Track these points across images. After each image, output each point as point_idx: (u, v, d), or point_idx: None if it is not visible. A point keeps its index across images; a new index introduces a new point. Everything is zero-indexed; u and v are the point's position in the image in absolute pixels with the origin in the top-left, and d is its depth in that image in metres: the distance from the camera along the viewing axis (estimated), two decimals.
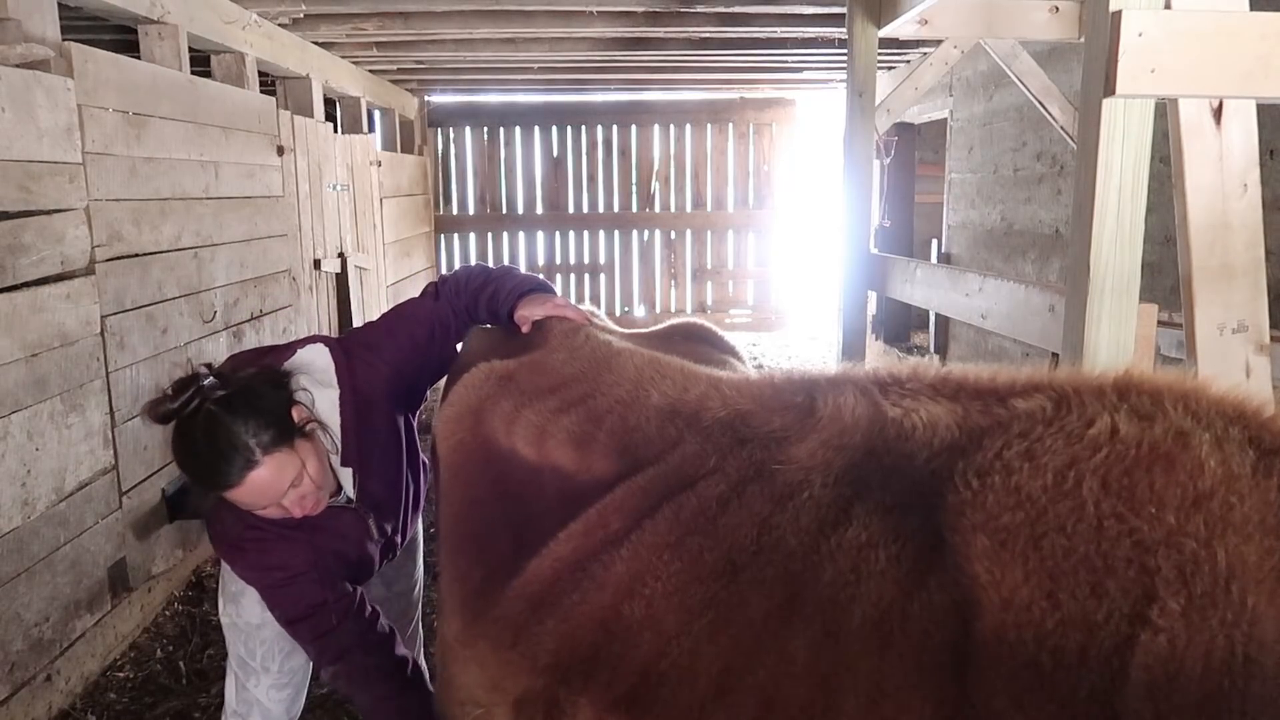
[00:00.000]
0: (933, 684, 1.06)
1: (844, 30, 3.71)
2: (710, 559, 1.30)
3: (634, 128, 10.64)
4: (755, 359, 9.00)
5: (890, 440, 1.28)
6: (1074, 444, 1.09)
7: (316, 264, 6.13)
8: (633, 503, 1.43)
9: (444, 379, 2.20)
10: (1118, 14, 1.74)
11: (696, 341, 2.12)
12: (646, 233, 10.85)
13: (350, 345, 2.10)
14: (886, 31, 3.41)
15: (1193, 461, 1.02)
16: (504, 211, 10.80)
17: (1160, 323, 2.40)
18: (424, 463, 2.37)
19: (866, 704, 1.10)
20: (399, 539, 2.27)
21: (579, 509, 1.49)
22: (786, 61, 7.51)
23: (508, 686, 1.46)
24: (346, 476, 2.04)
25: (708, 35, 6.17)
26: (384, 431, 2.10)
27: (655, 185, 10.74)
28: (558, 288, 2.06)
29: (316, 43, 6.27)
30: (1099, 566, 1.00)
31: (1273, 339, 2.07)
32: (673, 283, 10.91)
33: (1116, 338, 1.87)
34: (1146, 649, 0.95)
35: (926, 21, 3.31)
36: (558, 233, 10.84)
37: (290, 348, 2.04)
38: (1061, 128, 4.47)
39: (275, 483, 1.80)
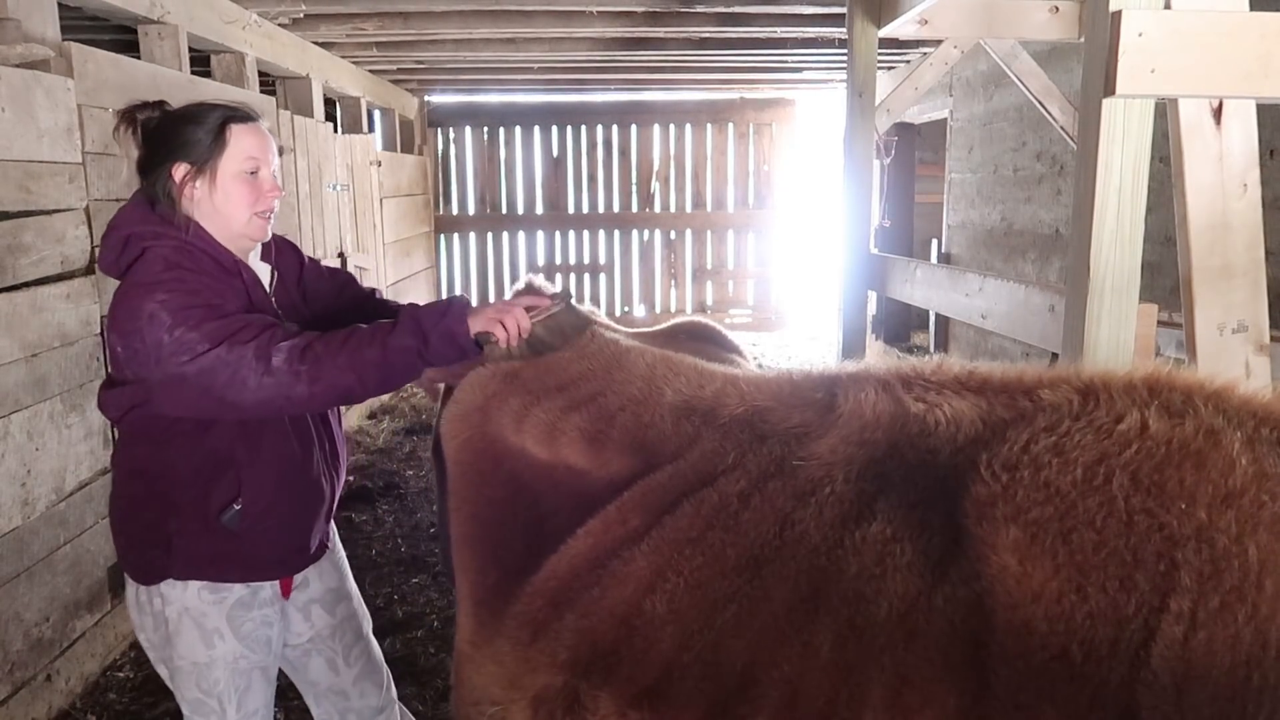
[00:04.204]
0: (958, 676, 1.07)
1: (844, 30, 3.71)
2: (733, 554, 1.30)
3: (634, 128, 10.64)
4: (756, 359, 9.00)
5: (913, 436, 1.28)
6: (1103, 439, 1.09)
7: None
8: (652, 499, 1.43)
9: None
10: (1118, 14, 1.74)
11: (701, 340, 2.12)
12: (646, 233, 10.85)
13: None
14: (886, 31, 3.41)
15: (1224, 459, 1.02)
16: (504, 211, 10.79)
17: (1160, 323, 2.40)
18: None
19: (891, 696, 1.10)
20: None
21: (595, 506, 1.49)
22: (786, 61, 7.51)
23: (526, 683, 1.45)
24: (264, 273, 1.99)
25: (708, 35, 6.17)
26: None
27: (655, 185, 10.75)
28: (557, 288, 1.92)
29: (316, 43, 6.27)
30: (1129, 560, 1.00)
31: (1273, 339, 2.07)
32: (673, 283, 10.91)
33: (1116, 338, 1.87)
34: (1177, 642, 0.95)
35: (926, 21, 3.31)
36: (558, 233, 10.83)
37: None
38: (1061, 128, 4.47)
39: (270, 139, 1.90)
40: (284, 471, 1.94)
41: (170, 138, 1.84)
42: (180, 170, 1.83)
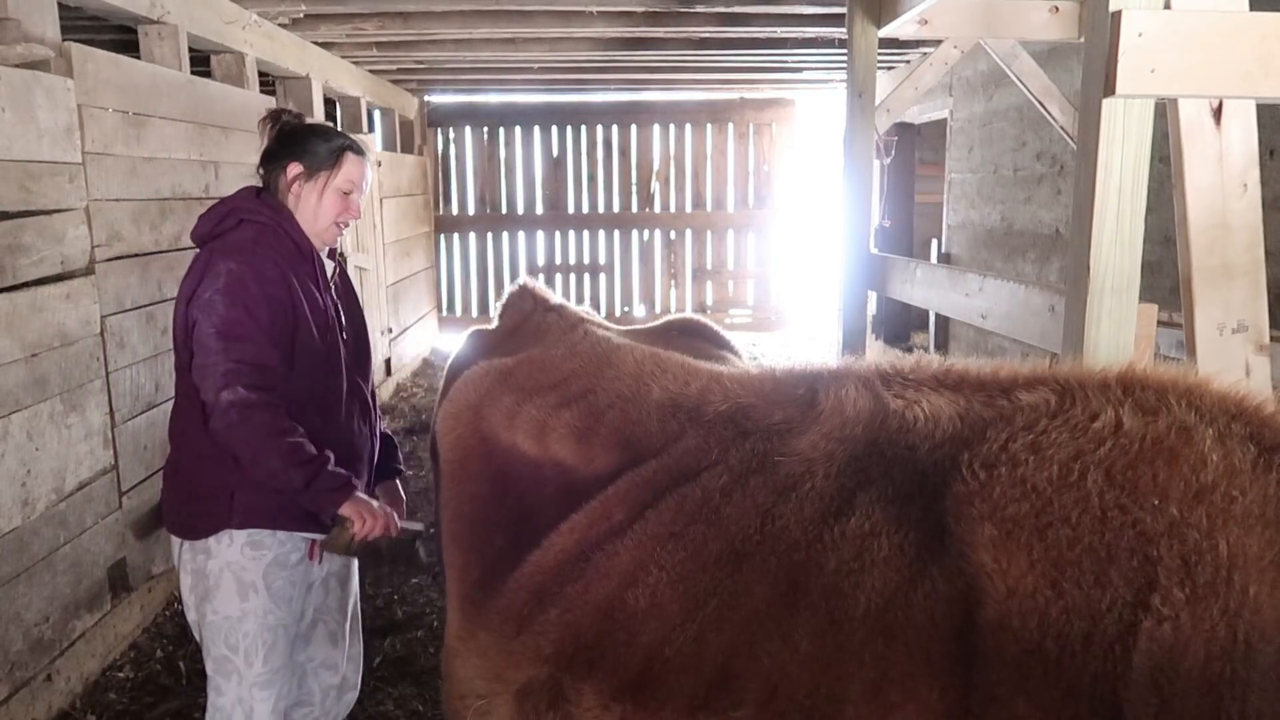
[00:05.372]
0: (937, 670, 1.08)
1: (844, 30, 3.71)
2: (714, 548, 1.31)
3: (634, 128, 10.65)
4: (754, 358, 9.00)
5: (892, 432, 1.30)
6: (1079, 437, 1.11)
7: None
8: (636, 494, 1.45)
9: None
10: (1118, 14, 1.75)
11: (693, 337, 2.14)
12: (646, 233, 10.86)
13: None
14: (886, 31, 3.41)
15: (1196, 455, 1.04)
16: (504, 211, 10.80)
17: (1160, 323, 2.40)
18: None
19: (871, 690, 1.11)
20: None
21: (581, 501, 1.50)
22: (786, 61, 7.51)
23: (510, 676, 1.47)
24: (329, 268, 2.36)
25: (708, 35, 6.17)
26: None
27: (655, 185, 10.75)
28: (558, 288, 2.14)
29: (316, 43, 6.27)
30: (1103, 556, 1.02)
31: (1273, 339, 2.07)
32: (673, 283, 10.92)
33: (1116, 338, 1.87)
34: (1150, 636, 0.96)
35: (926, 21, 3.31)
36: (558, 233, 10.84)
37: None
38: (1061, 128, 4.47)
39: (369, 175, 2.29)
40: (324, 423, 2.17)
41: (299, 141, 2.22)
42: (294, 169, 2.19)
